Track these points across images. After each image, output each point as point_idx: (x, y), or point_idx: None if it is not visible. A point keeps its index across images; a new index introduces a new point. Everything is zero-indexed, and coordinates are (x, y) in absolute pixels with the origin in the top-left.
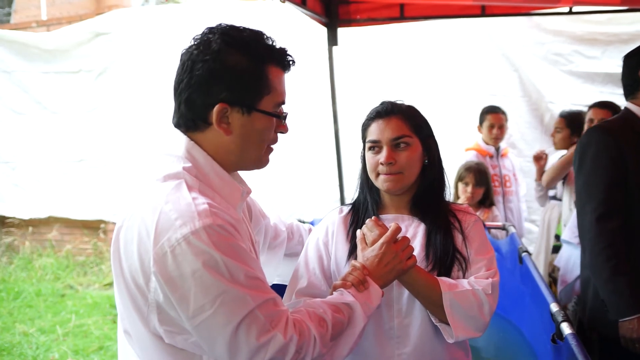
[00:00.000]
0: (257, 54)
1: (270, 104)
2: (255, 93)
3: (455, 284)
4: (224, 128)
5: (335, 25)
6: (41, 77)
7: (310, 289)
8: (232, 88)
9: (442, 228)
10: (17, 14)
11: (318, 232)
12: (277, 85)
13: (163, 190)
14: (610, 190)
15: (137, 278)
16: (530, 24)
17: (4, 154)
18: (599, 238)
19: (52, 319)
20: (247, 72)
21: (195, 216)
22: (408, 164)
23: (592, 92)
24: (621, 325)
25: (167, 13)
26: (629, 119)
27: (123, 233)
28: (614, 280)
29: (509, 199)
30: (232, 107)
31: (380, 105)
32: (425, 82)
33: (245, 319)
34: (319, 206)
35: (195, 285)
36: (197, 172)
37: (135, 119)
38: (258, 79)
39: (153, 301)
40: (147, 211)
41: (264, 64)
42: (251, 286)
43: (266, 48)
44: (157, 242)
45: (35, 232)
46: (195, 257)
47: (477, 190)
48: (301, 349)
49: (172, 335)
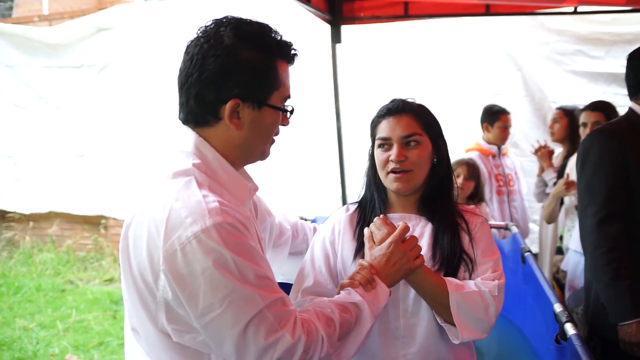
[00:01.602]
0: (268, 49)
1: (279, 99)
2: (267, 88)
3: (462, 284)
4: (235, 123)
5: (339, 22)
6: (43, 71)
7: (317, 287)
8: (244, 84)
9: (449, 228)
10: (19, 8)
11: (324, 231)
12: (284, 80)
13: (173, 187)
14: (611, 193)
15: (145, 275)
16: (535, 24)
17: (6, 148)
18: (600, 242)
19: (52, 314)
20: (258, 67)
21: (206, 214)
22: (418, 162)
23: (596, 92)
24: (620, 329)
25: (169, 9)
26: (632, 120)
27: (132, 230)
28: (614, 284)
29: (513, 198)
30: (244, 103)
31: (390, 102)
32: (429, 81)
33: (254, 318)
34: (321, 203)
35: (204, 283)
36: (206, 168)
37: (137, 114)
38: (269, 73)
39: (161, 299)
40: (156, 208)
41: (273, 58)
42: (261, 285)
43: (275, 42)
44: (167, 240)
45: (36, 227)
46: (205, 255)
47: (467, 183)
48: (309, 349)
49: (180, 333)
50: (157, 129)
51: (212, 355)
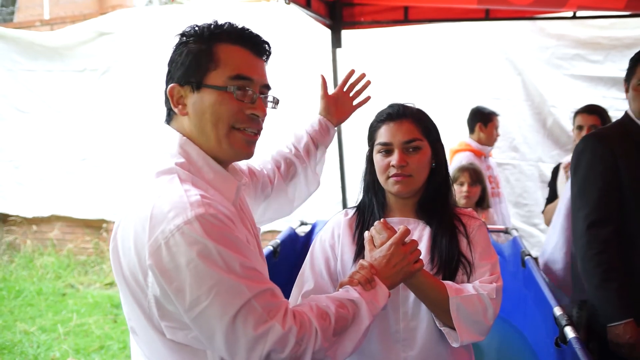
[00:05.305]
0: (203, 36)
1: (220, 78)
2: (202, 70)
3: (461, 288)
4: (180, 110)
5: (340, 27)
6: (45, 75)
7: (317, 291)
8: (181, 69)
9: (447, 232)
10: (21, 12)
11: (324, 234)
12: (229, 61)
13: (156, 185)
14: (603, 198)
15: (136, 274)
16: (534, 28)
17: (8, 152)
18: (591, 244)
19: (53, 317)
20: (194, 52)
21: (188, 207)
22: (418, 167)
23: (595, 96)
24: (610, 330)
25: (170, 13)
26: (626, 124)
27: (120, 231)
28: (603, 286)
29: (502, 200)
30: (183, 87)
31: (390, 107)
32: (429, 85)
33: (241, 309)
34: (321, 208)
35: (190, 276)
36: (190, 166)
37: (138, 118)
38: (204, 56)
39: (152, 296)
40: (141, 207)
41: (212, 42)
42: (247, 276)
43: (214, 28)
44: (151, 235)
45: (37, 231)
46: (189, 247)
47: (472, 189)
48: (302, 341)
49: (173, 330)
50: (158, 133)
51: (208, 352)
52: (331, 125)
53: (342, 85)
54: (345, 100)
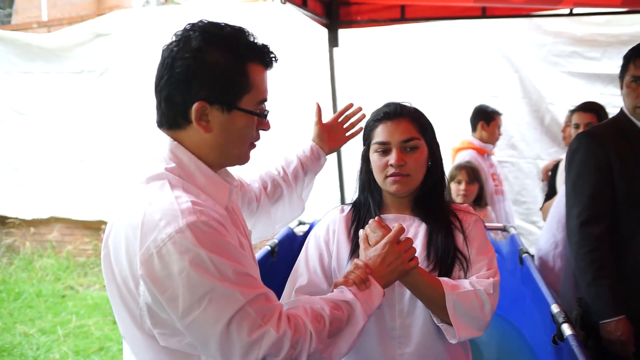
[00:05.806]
0: (238, 52)
1: (252, 103)
2: (236, 92)
3: (457, 284)
4: (203, 126)
5: (336, 26)
6: (43, 77)
7: (310, 287)
8: (211, 86)
9: (443, 228)
10: (18, 14)
11: (319, 230)
12: (258, 83)
13: (147, 191)
14: (595, 196)
15: (128, 282)
16: (531, 26)
17: (6, 154)
18: (583, 242)
19: (52, 319)
20: (227, 70)
21: (179, 214)
22: (416, 166)
23: (593, 93)
24: (602, 327)
25: (168, 14)
26: (621, 122)
27: (112, 238)
28: (595, 283)
29: (505, 197)
30: (212, 106)
31: (386, 106)
32: (426, 84)
33: (235, 315)
34: (319, 207)
35: (183, 284)
36: (180, 171)
37: (136, 119)
38: (238, 77)
39: (144, 304)
40: (132, 214)
41: (244, 61)
42: (240, 282)
43: (247, 45)
44: (142, 244)
45: (36, 233)
46: (181, 256)
47: (470, 187)
48: (296, 344)
49: (166, 337)
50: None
51: (201, 356)
52: (322, 153)
53: (338, 116)
54: (339, 129)
